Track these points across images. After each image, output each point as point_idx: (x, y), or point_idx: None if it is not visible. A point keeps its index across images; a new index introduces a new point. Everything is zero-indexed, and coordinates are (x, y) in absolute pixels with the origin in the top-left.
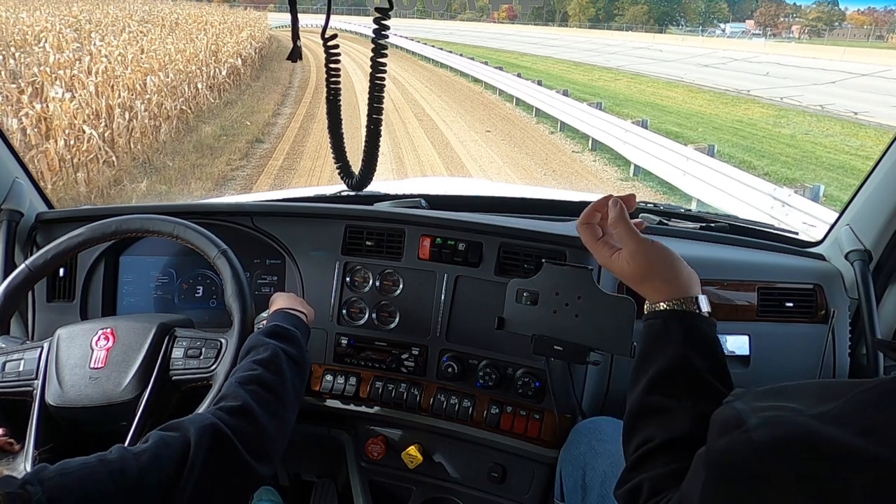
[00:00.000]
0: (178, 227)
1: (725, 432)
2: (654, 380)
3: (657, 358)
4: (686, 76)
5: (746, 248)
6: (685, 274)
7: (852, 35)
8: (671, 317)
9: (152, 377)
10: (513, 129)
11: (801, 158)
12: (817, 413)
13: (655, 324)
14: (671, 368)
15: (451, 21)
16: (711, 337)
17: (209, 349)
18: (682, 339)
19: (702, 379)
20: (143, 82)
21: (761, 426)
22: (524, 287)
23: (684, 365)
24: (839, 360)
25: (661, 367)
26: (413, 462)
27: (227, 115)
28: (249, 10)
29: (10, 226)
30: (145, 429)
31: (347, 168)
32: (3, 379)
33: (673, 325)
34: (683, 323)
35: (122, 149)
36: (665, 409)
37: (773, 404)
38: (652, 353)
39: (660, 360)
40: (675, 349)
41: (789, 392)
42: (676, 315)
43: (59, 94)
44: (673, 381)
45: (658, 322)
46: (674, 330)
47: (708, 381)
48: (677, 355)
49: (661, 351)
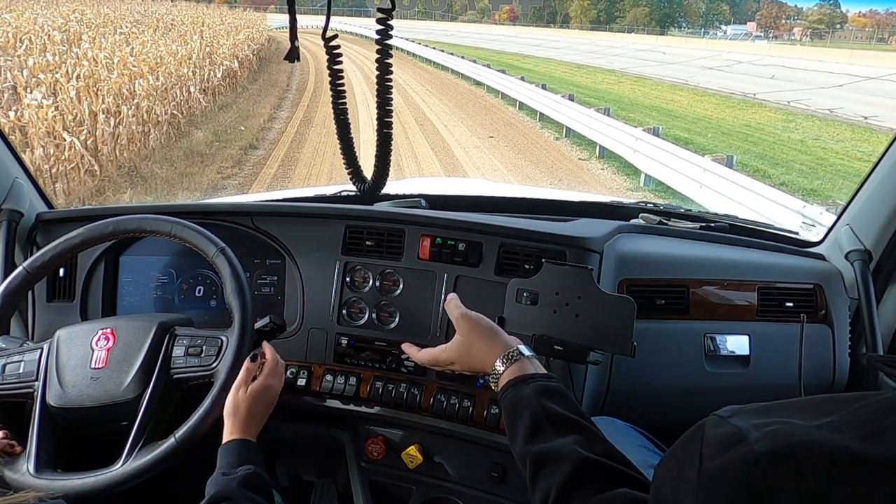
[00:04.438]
0: (175, 226)
1: (725, 450)
2: (527, 436)
3: (522, 419)
4: (690, 79)
5: (746, 248)
6: (501, 334)
7: (854, 37)
8: (519, 382)
9: (154, 376)
10: (516, 135)
11: (815, 166)
12: (818, 424)
13: (508, 394)
14: (538, 420)
15: (452, 22)
16: (555, 386)
17: (210, 347)
18: (535, 395)
19: (567, 417)
20: (132, 86)
21: (762, 440)
22: (524, 287)
23: (546, 414)
24: (839, 360)
25: (528, 423)
26: (413, 462)
27: (220, 120)
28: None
29: (10, 226)
30: (147, 428)
31: (360, 173)
32: (3, 381)
33: (522, 388)
34: (529, 384)
35: (107, 157)
36: (550, 452)
37: (774, 419)
38: (516, 420)
39: (525, 418)
40: (532, 405)
41: (788, 408)
42: (522, 380)
43: (38, 99)
44: (543, 428)
45: (510, 392)
46: (525, 392)
47: (573, 419)
48: (537, 409)
49: (521, 414)
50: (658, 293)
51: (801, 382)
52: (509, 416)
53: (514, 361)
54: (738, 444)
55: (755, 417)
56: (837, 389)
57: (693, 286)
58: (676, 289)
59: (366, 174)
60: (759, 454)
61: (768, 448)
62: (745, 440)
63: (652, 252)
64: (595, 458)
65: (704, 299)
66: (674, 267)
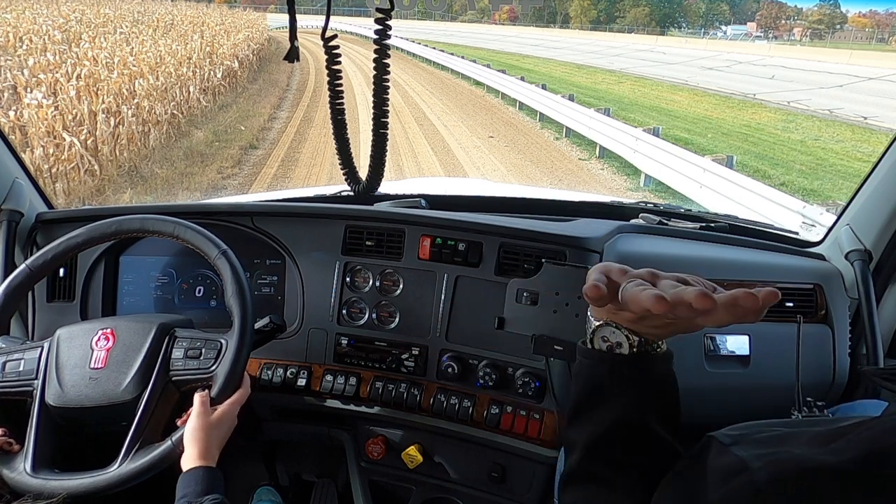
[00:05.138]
0: (178, 227)
1: (727, 480)
2: (592, 445)
3: (599, 411)
4: (690, 79)
5: (746, 248)
6: None
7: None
8: (624, 362)
9: (152, 377)
10: (516, 135)
11: (815, 166)
12: (820, 451)
13: (597, 367)
14: (614, 429)
15: (452, 22)
16: (668, 373)
17: (209, 349)
18: (637, 385)
19: (651, 436)
20: (132, 86)
21: (763, 468)
22: (524, 287)
23: (632, 422)
24: (839, 361)
25: (601, 428)
26: (413, 462)
27: (220, 120)
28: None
29: (10, 226)
30: (145, 429)
31: (355, 174)
32: (3, 379)
33: (625, 370)
34: (639, 366)
35: (107, 157)
36: (605, 480)
37: (776, 449)
38: (592, 403)
39: (602, 414)
40: (624, 402)
41: (791, 438)
42: (631, 358)
43: (38, 99)
44: (615, 445)
45: (605, 366)
46: (627, 376)
47: (661, 438)
48: (627, 410)
49: (604, 402)
50: None
51: (799, 382)
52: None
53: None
54: (740, 475)
55: (757, 448)
56: (837, 389)
57: None
58: None
59: (362, 175)
60: (759, 483)
61: (769, 477)
62: (747, 470)
63: (652, 252)
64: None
65: None
66: (674, 267)
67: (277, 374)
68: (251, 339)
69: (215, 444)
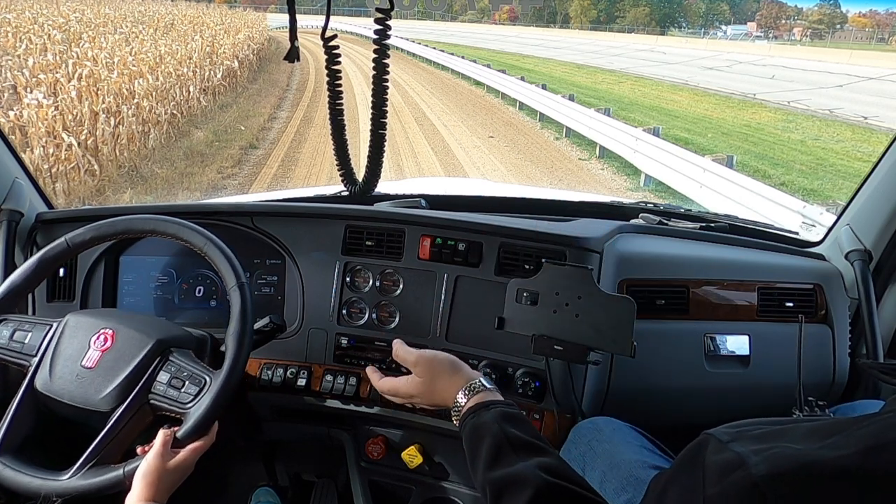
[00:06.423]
0: (209, 243)
1: (725, 475)
2: (489, 461)
3: (483, 445)
4: (690, 79)
5: (746, 248)
6: (464, 367)
7: (854, 37)
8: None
9: (131, 395)
10: (516, 135)
11: (815, 166)
12: (818, 446)
13: (469, 421)
14: (499, 445)
15: (452, 22)
16: (516, 412)
17: (192, 384)
18: (496, 421)
19: (528, 442)
20: (132, 86)
21: (761, 463)
22: (524, 287)
23: (507, 438)
24: (839, 360)
25: (489, 448)
26: (413, 462)
27: (221, 120)
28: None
29: (10, 226)
30: (108, 445)
31: (351, 175)
32: (8, 346)
33: (483, 414)
34: (490, 409)
35: (107, 157)
36: (511, 476)
37: (774, 444)
38: (477, 446)
39: (486, 444)
40: (493, 430)
41: (788, 434)
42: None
43: (38, 99)
44: (504, 452)
45: (471, 419)
46: (486, 417)
47: (534, 444)
48: (498, 434)
49: (482, 439)
50: (658, 293)
51: (800, 382)
52: (470, 443)
53: (476, 393)
54: (737, 470)
55: (755, 443)
56: (837, 389)
57: (693, 286)
58: (676, 289)
59: (359, 176)
60: (757, 477)
61: (767, 471)
62: (744, 465)
63: (652, 252)
64: (557, 483)
65: (704, 299)
66: (674, 267)
67: (277, 374)
68: (237, 382)
69: (164, 489)
